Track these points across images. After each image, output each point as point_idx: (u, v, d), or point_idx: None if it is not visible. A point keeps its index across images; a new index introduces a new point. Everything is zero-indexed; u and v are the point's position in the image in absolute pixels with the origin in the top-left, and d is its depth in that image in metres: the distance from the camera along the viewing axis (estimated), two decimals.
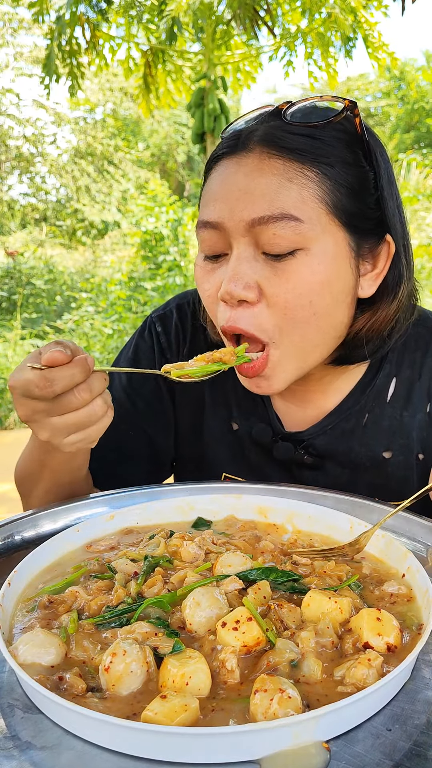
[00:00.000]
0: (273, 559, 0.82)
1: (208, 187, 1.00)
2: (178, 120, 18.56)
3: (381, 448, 1.13)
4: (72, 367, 0.84)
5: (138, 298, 8.33)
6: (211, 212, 0.96)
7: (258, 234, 0.92)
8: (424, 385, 1.13)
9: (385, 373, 1.14)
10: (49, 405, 0.86)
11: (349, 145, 0.97)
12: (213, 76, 5.90)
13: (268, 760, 0.52)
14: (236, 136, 0.98)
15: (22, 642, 0.63)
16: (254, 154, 0.94)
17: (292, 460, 1.15)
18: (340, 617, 0.67)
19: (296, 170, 0.92)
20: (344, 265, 0.96)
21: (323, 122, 0.95)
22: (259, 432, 1.17)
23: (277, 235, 0.91)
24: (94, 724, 0.54)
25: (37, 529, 0.97)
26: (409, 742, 0.54)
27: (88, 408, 0.87)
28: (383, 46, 5.04)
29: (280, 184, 0.92)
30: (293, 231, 0.91)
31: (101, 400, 0.89)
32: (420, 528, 0.91)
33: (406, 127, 17.80)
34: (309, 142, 0.93)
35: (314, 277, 0.93)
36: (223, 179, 0.96)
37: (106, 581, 0.77)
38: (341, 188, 0.94)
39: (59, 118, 16.76)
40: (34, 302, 9.52)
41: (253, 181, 0.93)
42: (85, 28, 4.91)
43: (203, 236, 0.98)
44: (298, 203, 0.91)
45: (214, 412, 1.22)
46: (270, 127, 0.95)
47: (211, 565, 0.78)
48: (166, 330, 1.25)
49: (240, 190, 0.93)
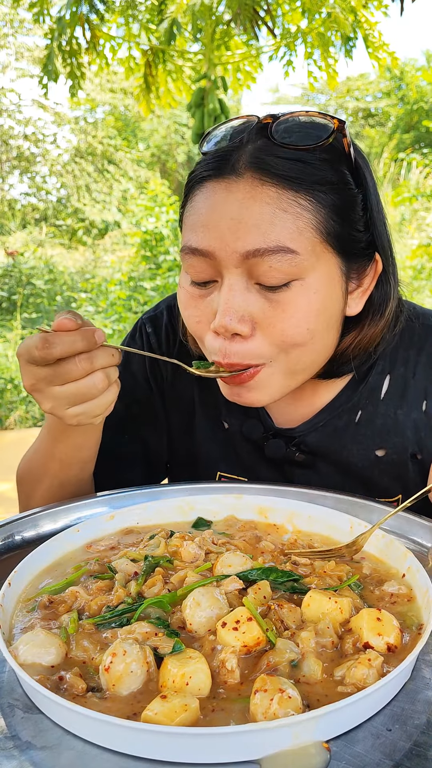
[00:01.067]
0: (273, 560, 0.82)
1: (194, 210, 0.96)
2: (178, 120, 18.56)
3: (374, 446, 1.12)
4: (75, 334, 0.86)
5: (138, 298, 8.33)
6: (201, 240, 0.92)
7: (252, 266, 0.90)
8: (419, 383, 1.12)
9: (378, 370, 1.13)
10: (50, 372, 0.88)
11: (337, 166, 0.94)
12: (213, 76, 5.90)
13: (268, 760, 0.52)
14: (222, 158, 0.93)
15: (22, 642, 0.63)
16: (245, 180, 0.90)
17: (283, 457, 1.15)
18: (340, 617, 0.67)
19: (290, 199, 0.89)
20: (336, 290, 0.96)
21: (314, 146, 0.91)
22: (249, 429, 1.17)
23: (273, 267, 0.89)
24: (94, 724, 0.54)
25: (37, 529, 0.97)
26: (409, 742, 0.54)
27: (88, 379, 0.88)
28: (383, 45, 5.04)
29: (274, 214, 0.88)
30: (289, 263, 0.89)
31: (102, 374, 0.89)
32: (420, 528, 0.91)
33: (405, 127, 17.80)
34: (301, 168, 0.90)
35: (310, 306, 0.92)
36: (212, 205, 0.92)
37: (106, 581, 0.77)
38: (334, 215, 0.92)
39: (59, 117, 16.77)
40: (35, 302, 9.52)
41: (247, 210, 0.89)
42: (85, 28, 4.91)
43: (191, 263, 0.95)
44: (294, 234, 0.89)
45: (204, 412, 1.22)
46: (259, 150, 0.91)
47: (212, 566, 0.78)
48: (156, 331, 1.25)
49: (232, 219, 0.89)
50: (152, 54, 5.49)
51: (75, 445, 1.07)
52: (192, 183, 0.98)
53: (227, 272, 0.92)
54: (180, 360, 1.20)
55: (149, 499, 1.02)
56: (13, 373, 6.93)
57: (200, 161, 0.99)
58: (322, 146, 0.92)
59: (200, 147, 1.00)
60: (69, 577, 0.79)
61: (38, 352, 0.85)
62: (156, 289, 8.43)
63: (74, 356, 0.87)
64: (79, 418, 0.92)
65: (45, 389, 0.90)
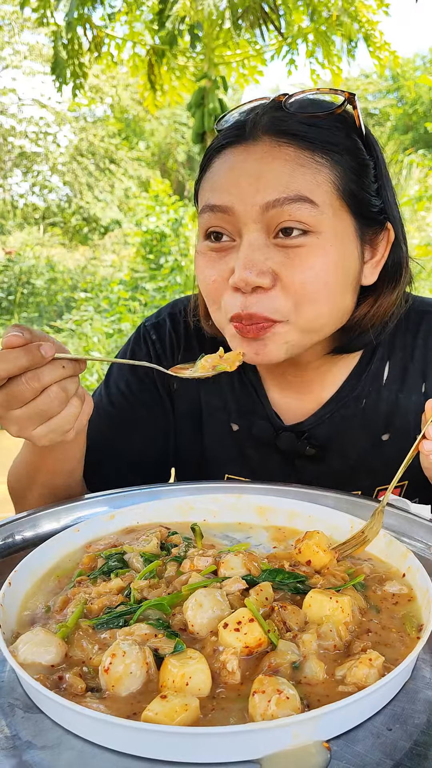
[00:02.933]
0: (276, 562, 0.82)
1: (212, 174, 1.00)
2: (178, 120, 18.56)
3: (380, 430, 1.14)
4: (18, 351, 0.82)
5: (139, 299, 8.33)
6: (220, 197, 0.95)
7: (271, 218, 0.93)
8: (417, 366, 1.14)
9: (379, 356, 1.15)
10: (5, 397, 0.84)
11: (350, 135, 0.99)
12: (213, 75, 5.90)
13: (268, 760, 0.52)
14: (239, 126, 0.98)
15: (22, 641, 0.63)
16: (263, 142, 0.95)
17: (294, 452, 1.16)
18: (342, 617, 0.67)
19: (308, 156, 0.94)
20: (351, 248, 0.99)
21: (327, 113, 0.96)
22: (259, 428, 1.17)
23: (292, 217, 0.92)
24: (94, 724, 0.54)
25: (37, 529, 0.97)
26: (409, 741, 0.54)
27: (43, 396, 0.85)
28: (385, 45, 5.04)
29: (293, 168, 0.93)
30: (309, 213, 0.92)
31: (57, 388, 0.85)
32: (420, 528, 0.91)
33: (404, 128, 17.80)
34: (316, 130, 0.95)
35: (327, 257, 0.94)
36: (231, 166, 0.96)
37: (115, 580, 0.76)
38: (350, 174, 0.97)
39: (60, 117, 16.77)
40: (34, 302, 9.52)
41: (266, 165, 0.93)
42: (86, 28, 4.91)
43: (209, 220, 0.97)
44: (313, 187, 0.93)
45: (211, 416, 1.22)
46: (275, 117, 0.96)
47: (216, 568, 0.78)
48: (161, 338, 1.25)
49: (251, 176, 0.93)
50: (154, 54, 5.49)
51: (59, 459, 1.06)
52: (209, 154, 1.02)
53: (246, 228, 0.94)
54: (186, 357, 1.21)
55: (149, 498, 1.02)
56: None
57: (215, 137, 1.03)
58: (334, 114, 0.97)
59: (216, 126, 1.04)
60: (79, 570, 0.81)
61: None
62: (157, 289, 8.42)
63: (20, 376, 0.83)
64: (49, 437, 0.89)
65: (5, 415, 0.87)
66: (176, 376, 0.96)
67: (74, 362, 0.88)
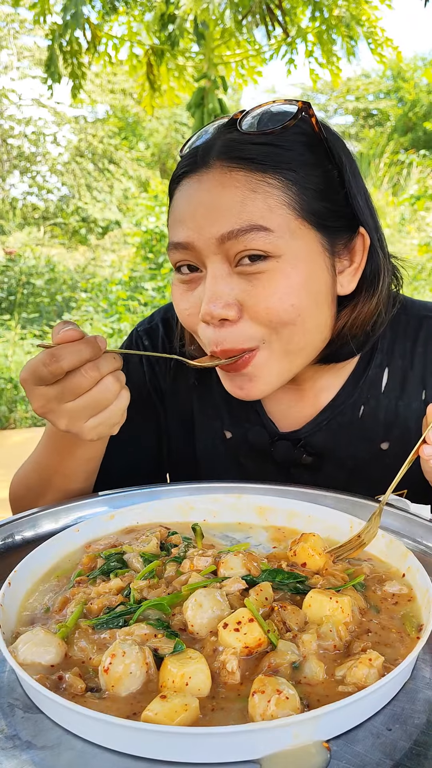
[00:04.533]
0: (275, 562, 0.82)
1: (173, 208, 1.00)
2: (178, 120, 18.56)
3: (378, 439, 1.13)
4: (80, 344, 0.85)
5: (138, 298, 8.33)
6: (180, 233, 0.95)
7: (229, 249, 0.92)
8: (417, 374, 1.12)
9: (377, 363, 1.13)
10: (59, 389, 0.87)
11: (310, 146, 0.96)
12: (213, 75, 5.90)
13: (268, 760, 0.52)
14: (194, 154, 0.97)
15: (21, 641, 0.63)
16: (215, 170, 0.93)
17: (290, 460, 1.15)
18: (342, 617, 0.67)
19: (258, 180, 0.91)
20: (319, 265, 0.96)
21: (279, 128, 0.93)
22: (255, 435, 1.16)
23: (248, 247, 0.91)
24: (94, 724, 0.54)
25: (37, 529, 0.97)
26: (409, 741, 0.54)
27: (100, 386, 0.88)
28: (387, 41, 5.02)
29: (245, 196, 0.91)
30: (264, 241, 0.90)
31: (113, 378, 0.89)
32: (420, 528, 0.91)
33: (403, 128, 17.79)
34: (268, 150, 0.93)
35: (290, 281, 0.93)
36: (187, 198, 0.96)
37: (114, 581, 0.76)
38: (307, 191, 0.94)
39: (59, 117, 16.77)
40: (34, 302, 9.51)
41: (217, 196, 0.92)
42: (85, 28, 4.91)
43: (175, 257, 0.98)
44: (265, 213, 0.91)
45: (204, 424, 1.22)
46: (227, 140, 0.94)
47: (216, 568, 0.78)
48: (153, 344, 1.26)
49: (205, 208, 0.92)
50: (153, 53, 5.49)
51: (83, 459, 1.06)
52: (171, 185, 1.02)
53: (208, 261, 0.94)
54: (177, 371, 1.22)
55: (149, 498, 1.02)
56: (12, 373, 6.93)
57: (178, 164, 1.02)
58: (288, 127, 0.94)
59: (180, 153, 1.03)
60: (78, 570, 0.80)
61: (47, 368, 0.84)
62: (157, 289, 8.42)
63: (80, 367, 0.86)
64: (98, 430, 0.91)
65: (57, 408, 0.89)
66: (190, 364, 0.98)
67: (120, 355, 0.91)
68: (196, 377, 1.22)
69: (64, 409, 0.88)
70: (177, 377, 1.23)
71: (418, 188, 9.44)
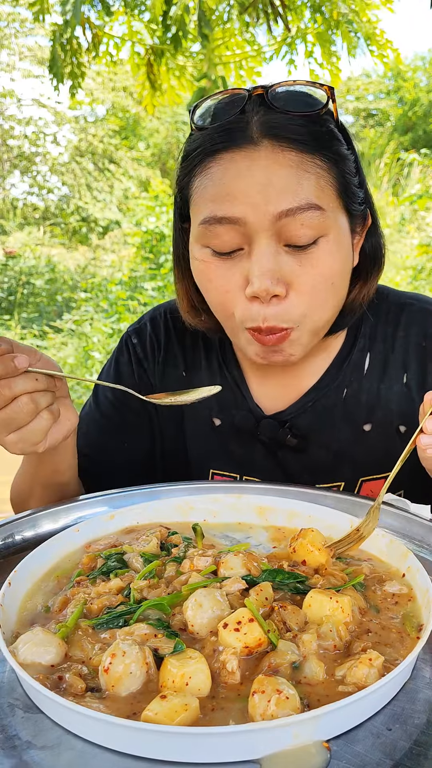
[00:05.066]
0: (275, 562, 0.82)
1: (211, 182, 0.96)
2: (179, 120, 18.55)
3: (361, 421, 1.16)
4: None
5: (138, 299, 8.32)
6: (228, 208, 0.94)
7: (282, 227, 0.93)
8: (398, 358, 1.16)
9: (360, 347, 1.17)
10: None
11: (334, 128, 1.00)
12: (213, 75, 5.89)
13: (268, 760, 0.52)
14: (231, 130, 0.96)
15: (21, 641, 0.63)
16: (264, 148, 0.94)
17: (276, 441, 1.17)
18: (342, 616, 0.67)
19: (309, 161, 0.95)
20: (348, 243, 1.02)
21: (317, 111, 0.96)
22: (241, 419, 1.19)
23: (304, 225, 0.93)
24: (94, 724, 0.54)
25: (37, 529, 0.97)
26: (409, 741, 0.54)
27: (13, 405, 0.87)
28: (387, 43, 5.01)
29: (299, 175, 0.94)
30: (318, 220, 0.94)
31: (27, 398, 0.88)
32: (420, 528, 0.91)
33: (404, 128, 17.79)
34: (314, 132, 0.96)
35: (335, 261, 0.97)
36: (236, 174, 0.94)
37: (114, 581, 0.76)
38: (344, 173, 0.99)
39: (60, 117, 16.76)
40: (34, 302, 9.52)
41: (273, 174, 0.93)
42: (85, 27, 4.90)
43: (217, 232, 0.96)
44: (318, 192, 0.94)
45: (194, 413, 1.24)
46: (269, 120, 0.95)
47: (216, 568, 0.78)
48: (141, 342, 1.28)
49: (260, 184, 0.93)
50: (153, 53, 5.48)
51: (49, 471, 1.10)
52: (199, 156, 0.99)
53: (258, 237, 0.94)
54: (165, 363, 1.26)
55: (149, 498, 1.02)
56: None
57: (198, 136, 1.00)
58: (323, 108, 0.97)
59: (193, 121, 1.02)
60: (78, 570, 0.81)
61: None
62: (157, 289, 8.42)
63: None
64: (19, 446, 0.91)
65: None
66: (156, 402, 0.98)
67: (50, 378, 0.91)
68: (184, 368, 1.26)
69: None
70: (166, 370, 1.27)
71: (419, 188, 9.43)
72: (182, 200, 1.06)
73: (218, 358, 1.23)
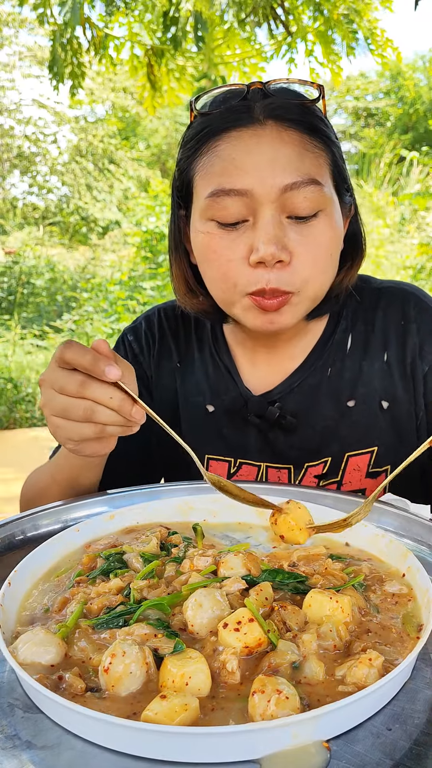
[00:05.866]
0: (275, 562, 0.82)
1: (219, 157, 1.03)
2: (178, 119, 18.55)
3: (345, 398, 1.21)
4: (90, 352, 0.84)
5: (137, 298, 8.32)
6: (237, 180, 1.01)
7: (286, 200, 1.00)
8: (378, 338, 1.23)
9: (342, 328, 1.24)
10: (57, 375, 0.88)
11: (327, 121, 1.10)
12: (213, 75, 5.89)
13: (268, 760, 0.52)
14: (238, 111, 1.03)
15: (21, 641, 0.63)
16: (270, 127, 1.02)
17: (267, 421, 1.21)
18: (342, 616, 0.67)
19: (310, 141, 1.03)
20: (342, 224, 1.10)
21: (313, 101, 1.06)
22: (230, 402, 1.24)
23: (306, 198, 1.01)
24: (94, 724, 0.54)
25: (37, 529, 0.97)
26: (409, 741, 0.54)
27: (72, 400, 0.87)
28: (388, 42, 5.00)
29: (302, 153, 1.02)
30: (319, 194, 1.02)
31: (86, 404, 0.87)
32: (420, 528, 0.91)
33: (404, 128, 17.78)
34: (312, 117, 1.05)
35: (332, 232, 1.05)
36: (244, 149, 1.01)
37: (114, 580, 0.76)
38: (336, 158, 1.08)
39: (60, 117, 16.75)
40: (34, 302, 9.51)
41: (279, 150, 1.01)
42: (86, 27, 4.90)
43: (225, 204, 1.02)
44: (318, 169, 1.03)
45: (187, 402, 1.29)
46: (272, 104, 1.03)
47: (216, 568, 0.78)
48: (137, 338, 1.34)
49: (267, 159, 1.00)
50: (153, 54, 5.48)
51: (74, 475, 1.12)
52: (206, 136, 1.06)
53: (263, 208, 1.01)
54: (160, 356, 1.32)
55: (149, 498, 1.02)
56: (12, 373, 6.93)
57: (202, 120, 1.08)
58: (316, 100, 1.08)
59: (197, 108, 1.10)
60: (78, 570, 0.80)
61: (60, 349, 0.86)
62: (156, 288, 8.42)
63: (74, 372, 0.86)
64: (58, 432, 0.91)
65: (44, 388, 0.90)
66: None
67: (126, 401, 0.86)
68: (178, 360, 1.31)
69: (46, 391, 0.90)
70: (161, 362, 1.32)
71: (420, 187, 9.43)
72: (183, 182, 1.12)
73: (210, 347, 1.29)
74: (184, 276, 1.21)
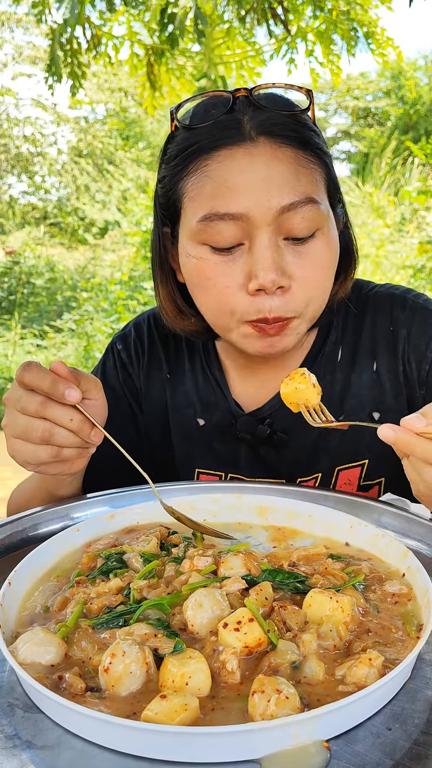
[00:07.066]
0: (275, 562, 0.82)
1: (210, 177, 0.97)
2: None
3: (335, 411, 1.18)
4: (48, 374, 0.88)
5: (138, 298, 8.32)
6: (231, 203, 0.95)
7: (283, 221, 0.96)
8: (366, 346, 1.19)
9: (333, 340, 1.20)
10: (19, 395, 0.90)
11: (317, 129, 1.05)
12: (213, 75, 5.89)
13: (268, 760, 0.52)
14: (227, 127, 0.97)
15: (21, 641, 0.63)
16: (262, 145, 0.96)
17: (256, 438, 1.18)
18: (342, 616, 0.67)
19: (304, 157, 0.98)
20: (337, 238, 1.06)
21: (303, 110, 1.01)
22: (221, 418, 1.21)
23: (304, 218, 0.96)
24: (94, 724, 0.54)
25: (37, 529, 0.97)
26: (409, 741, 0.54)
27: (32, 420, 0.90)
28: (388, 41, 4.99)
29: (297, 170, 0.97)
30: (316, 213, 0.97)
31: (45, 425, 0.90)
32: (420, 528, 0.91)
33: (404, 128, 17.77)
34: (306, 130, 1.00)
35: (330, 252, 1.02)
36: (237, 170, 0.95)
37: (114, 580, 0.76)
38: (329, 170, 1.04)
39: (59, 117, 16.74)
40: (34, 302, 9.51)
41: (273, 169, 0.95)
42: (85, 27, 4.90)
43: (219, 228, 0.96)
44: (314, 186, 0.98)
45: (178, 414, 1.26)
46: (264, 118, 0.97)
47: (216, 568, 0.78)
48: (126, 347, 1.31)
49: (262, 179, 0.95)
50: (153, 53, 5.48)
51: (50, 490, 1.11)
52: (193, 153, 0.99)
53: (259, 231, 0.96)
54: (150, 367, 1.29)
55: (149, 498, 1.01)
56: (12, 372, 6.92)
57: (186, 136, 1.01)
58: (306, 109, 1.02)
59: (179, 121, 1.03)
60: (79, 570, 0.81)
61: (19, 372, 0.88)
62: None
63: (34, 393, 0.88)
64: (16, 455, 0.93)
65: (7, 408, 0.92)
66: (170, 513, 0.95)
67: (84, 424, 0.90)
68: (168, 371, 1.27)
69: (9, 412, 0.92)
70: (150, 373, 1.29)
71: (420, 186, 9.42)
72: (169, 200, 1.04)
73: (201, 360, 1.25)
74: (172, 297, 1.14)
